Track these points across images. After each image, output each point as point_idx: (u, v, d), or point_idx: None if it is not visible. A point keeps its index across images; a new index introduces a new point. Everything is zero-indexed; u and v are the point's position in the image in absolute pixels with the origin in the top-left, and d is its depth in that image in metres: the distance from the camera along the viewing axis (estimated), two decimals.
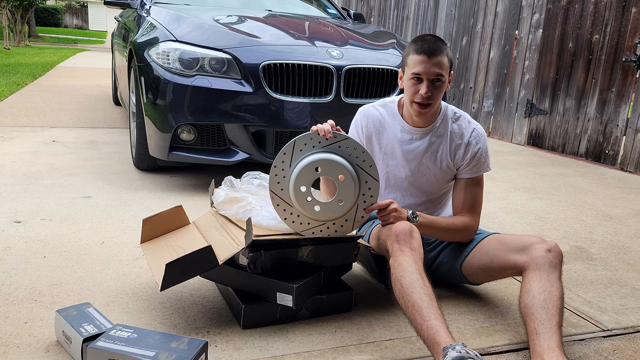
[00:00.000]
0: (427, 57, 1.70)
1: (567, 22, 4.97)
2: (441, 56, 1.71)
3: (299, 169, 1.60)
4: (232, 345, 1.52)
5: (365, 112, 1.94)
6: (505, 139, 5.68)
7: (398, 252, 1.57)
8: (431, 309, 1.41)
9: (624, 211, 3.20)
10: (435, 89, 1.73)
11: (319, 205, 1.62)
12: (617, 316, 1.86)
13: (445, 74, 1.73)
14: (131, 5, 4.27)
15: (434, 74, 1.71)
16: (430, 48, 1.70)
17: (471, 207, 1.84)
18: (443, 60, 1.71)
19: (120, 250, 2.13)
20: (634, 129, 4.34)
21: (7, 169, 3.18)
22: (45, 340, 1.48)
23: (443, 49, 1.72)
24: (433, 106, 1.77)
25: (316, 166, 1.60)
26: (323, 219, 1.64)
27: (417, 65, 1.71)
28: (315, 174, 1.61)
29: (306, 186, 1.61)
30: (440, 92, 1.75)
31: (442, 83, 1.74)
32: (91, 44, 21.97)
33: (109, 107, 5.91)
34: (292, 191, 1.60)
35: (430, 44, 1.71)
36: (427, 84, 1.72)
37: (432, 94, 1.73)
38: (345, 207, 1.63)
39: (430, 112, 1.79)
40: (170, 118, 2.89)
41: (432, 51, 1.70)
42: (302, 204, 1.61)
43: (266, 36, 3.14)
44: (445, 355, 1.27)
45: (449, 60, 1.74)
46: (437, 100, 1.76)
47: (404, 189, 1.93)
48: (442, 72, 1.71)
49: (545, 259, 1.56)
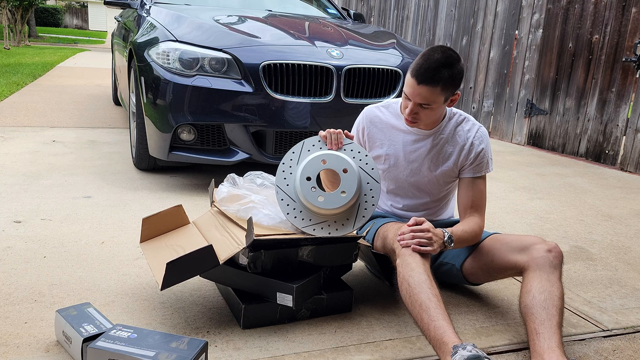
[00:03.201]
0: (417, 84, 1.64)
1: (567, 22, 4.97)
2: (431, 86, 1.63)
3: (306, 161, 1.68)
4: (232, 345, 1.52)
5: (369, 113, 1.95)
6: (505, 139, 5.68)
7: (406, 252, 1.57)
8: (439, 310, 1.41)
9: (624, 211, 3.20)
10: (422, 111, 1.70)
11: (322, 195, 1.64)
12: (617, 316, 1.86)
13: (434, 102, 1.67)
14: (131, 5, 4.27)
15: (419, 101, 1.67)
16: (424, 74, 1.62)
17: (478, 206, 1.83)
18: (433, 91, 1.63)
19: (120, 250, 2.13)
20: (634, 129, 4.34)
21: (7, 169, 3.18)
22: (45, 340, 1.48)
23: (440, 78, 1.62)
24: (421, 123, 1.76)
25: (322, 159, 1.68)
26: (325, 211, 1.65)
27: (408, 86, 1.69)
28: (322, 165, 1.67)
29: (312, 176, 1.66)
30: (429, 114, 1.71)
31: (431, 108, 1.69)
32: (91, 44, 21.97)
33: (109, 107, 5.91)
34: (298, 181, 1.65)
35: (428, 69, 1.62)
36: (412, 107, 1.70)
37: (419, 114, 1.71)
38: (347, 198, 1.64)
39: (420, 126, 1.80)
40: (170, 118, 2.89)
41: (423, 79, 1.62)
42: (306, 194, 1.63)
43: (266, 36, 3.14)
44: (455, 353, 1.27)
45: (445, 89, 1.65)
46: (425, 120, 1.74)
47: (406, 189, 1.93)
48: (427, 101, 1.66)
49: (545, 260, 1.56)
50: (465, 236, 1.74)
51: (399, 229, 1.66)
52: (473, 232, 1.77)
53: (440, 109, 1.73)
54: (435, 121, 1.83)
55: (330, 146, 1.69)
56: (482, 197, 1.85)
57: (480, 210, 1.83)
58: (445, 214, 2.01)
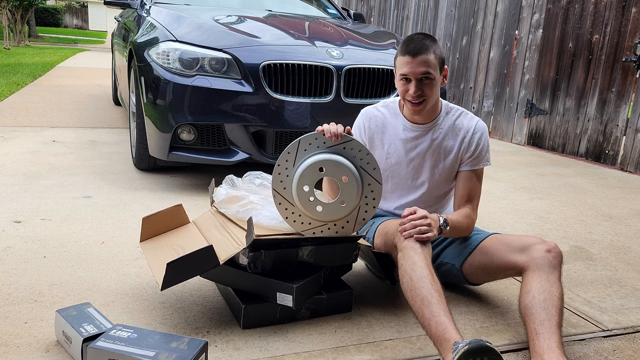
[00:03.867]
0: (412, 57, 1.70)
1: (567, 22, 4.97)
2: (426, 54, 1.70)
3: (302, 169, 1.60)
4: (232, 345, 1.52)
5: (368, 114, 1.95)
6: (505, 139, 5.68)
7: (408, 247, 1.57)
8: (440, 306, 1.41)
9: (624, 211, 3.20)
10: (425, 87, 1.74)
11: (321, 205, 1.62)
12: (617, 316, 1.86)
13: (434, 71, 1.72)
14: (131, 5, 4.27)
15: (421, 73, 1.71)
16: (415, 48, 1.70)
17: (472, 199, 1.87)
18: (429, 58, 1.71)
19: (120, 250, 2.13)
20: (634, 129, 4.34)
21: (7, 169, 3.18)
22: (45, 340, 1.48)
23: (429, 46, 1.71)
24: (427, 102, 1.77)
25: (320, 166, 1.61)
26: (325, 219, 1.64)
27: (404, 66, 1.73)
28: (319, 174, 1.61)
29: (309, 186, 1.61)
30: (432, 88, 1.75)
31: (432, 80, 1.74)
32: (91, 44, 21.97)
33: (109, 107, 5.91)
34: (295, 190, 1.60)
35: (416, 43, 1.71)
36: (415, 84, 1.73)
37: (423, 91, 1.74)
38: (347, 208, 1.63)
39: (426, 108, 1.80)
40: (170, 118, 2.89)
41: (417, 51, 1.70)
42: (304, 204, 1.61)
43: (266, 36, 3.14)
44: (456, 349, 1.27)
45: (437, 57, 1.73)
46: (430, 96, 1.76)
47: (407, 187, 1.93)
48: (428, 69, 1.71)
49: (545, 260, 1.56)
50: (458, 225, 1.77)
51: (398, 224, 1.66)
52: (466, 223, 1.81)
53: (439, 84, 1.77)
54: (434, 110, 1.84)
55: (330, 137, 1.62)
56: (477, 191, 1.88)
57: (474, 203, 1.87)
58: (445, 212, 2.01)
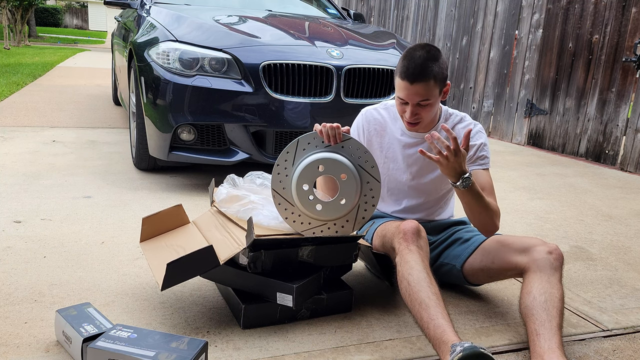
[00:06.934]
0: (410, 84, 1.65)
1: (567, 22, 4.97)
2: (425, 81, 1.64)
3: (301, 167, 1.61)
4: (232, 345, 1.51)
5: (367, 115, 1.94)
6: (505, 139, 5.68)
7: (405, 250, 1.57)
8: (438, 308, 1.41)
9: (624, 211, 3.20)
10: (422, 109, 1.70)
11: (320, 204, 1.62)
12: (617, 316, 1.86)
13: (431, 96, 1.67)
14: (131, 5, 4.27)
15: (417, 100, 1.67)
16: (413, 73, 1.63)
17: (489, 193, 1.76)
18: (427, 85, 1.64)
19: (120, 250, 2.13)
20: (634, 129, 4.34)
21: (7, 169, 3.18)
22: (45, 340, 1.48)
23: (429, 71, 1.64)
24: (423, 122, 1.76)
25: (319, 164, 1.61)
26: (324, 218, 1.64)
27: (401, 90, 1.68)
28: (318, 172, 1.61)
29: (308, 184, 1.61)
30: (429, 110, 1.71)
31: (430, 103, 1.70)
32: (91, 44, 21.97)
33: (109, 107, 5.91)
34: (295, 189, 1.61)
35: (416, 66, 1.63)
36: (412, 109, 1.69)
37: (419, 114, 1.71)
38: (347, 206, 1.63)
39: (422, 125, 1.78)
40: (170, 118, 2.89)
41: (415, 77, 1.63)
42: (303, 203, 1.61)
43: (266, 36, 3.14)
44: (453, 352, 1.27)
45: (437, 81, 1.66)
46: (426, 117, 1.73)
47: (405, 191, 1.93)
48: (425, 97, 1.66)
49: (546, 261, 1.56)
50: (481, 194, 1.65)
51: (397, 227, 1.65)
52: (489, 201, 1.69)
53: (438, 103, 1.74)
54: (433, 120, 1.83)
55: (328, 141, 1.63)
56: (490, 185, 1.79)
57: (492, 196, 1.77)
58: (444, 214, 2.01)
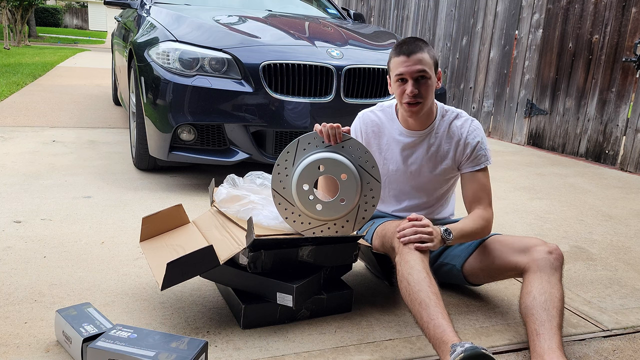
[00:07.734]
0: (407, 57, 1.72)
1: (567, 22, 4.97)
2: (420, 53, 1.72)
3: (302, 167, 1.61)
4: (232, 345, 1.51)
5: (364, 117, 1.94)
6: (505, 139, 5.68)
7: (405, 250, 1.57)
8: (438, 308, 1.41)
9: (624, 211, 3.20)
10: (422, 86, 1.73)
11: (320, 204, 1.62)
12: (617, 316, 1.86)
13: (429, 69, 1.73)
14: (131, 5, 4.27)
15: (417, 71, 1.71)
16: (408, 48, 1.72)
17: (481, 198, 1.82)
18: (423, 57, 1.72)
19: (120, 250, 2.13)
20: (634, 129, 4.34)
21: (7, 169, 3.18)
22: (45, 340, 1.48)
23: (422, 47, 1.73)
24: (424, 104, 1.76)
25: (319, 164, 1.61)
26: (324, 218, 1.64)
27: (399, 65, 1.73)
28: (318, 172, 1.61)
29: (309, 184, 1.61)
30: (428, 89, 1.74)
31: (428, 80, 1.74)
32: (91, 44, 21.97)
33: (109, 107, 5.91)
34: (295, 189, 1.61)
35: (409, 44, 1.73)
36: (412, 83, 1.73)
37: (419, 91, 1.73)
38: (347, 206, 1.63)
39: (423, 110, 1.78)
40: (170, 118, 2.89)
41: (411, 50, 1.72)
42: (304, 203, 1.61)
43: (266, 36, 3.14)
44: (453, 352, 1.27)
45: (431, 57, 1.74)
46: (426, 98, 1.75)
47: (405, 192, 1.93)
48: (424, 68, 1.72)
49: (546, 261, 1.56)
50: (469, 230, 1.73)
51: (397, 227, 1.65)
52: (479, 224, 1.76)
53: (434, 86, 1.77)
54: (429, 116, 1.83)
55: (328, 141, 1.64)
56: (485, 190, 1.83)
57: (484, 202, 1.82)
58: (445, 212, 2.01)
